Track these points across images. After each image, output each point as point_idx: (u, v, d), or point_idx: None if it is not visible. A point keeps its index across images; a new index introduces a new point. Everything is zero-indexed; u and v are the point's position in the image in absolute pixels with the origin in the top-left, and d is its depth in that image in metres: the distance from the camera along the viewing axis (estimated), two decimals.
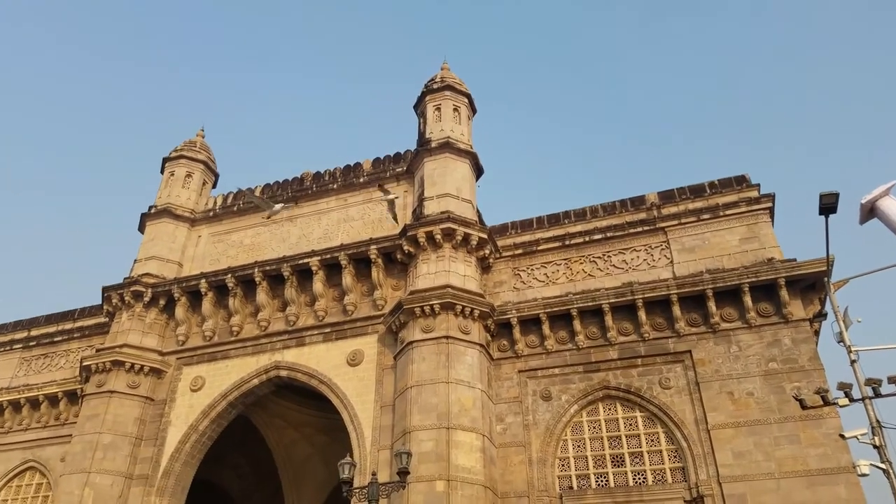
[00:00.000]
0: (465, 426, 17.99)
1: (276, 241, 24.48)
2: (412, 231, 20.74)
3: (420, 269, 20.59)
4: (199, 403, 22.18)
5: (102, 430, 21.54)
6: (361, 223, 23.46)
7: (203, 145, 28.91)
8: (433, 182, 22.11)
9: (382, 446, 19.06)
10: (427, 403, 18.21)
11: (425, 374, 18.67)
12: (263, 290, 22.79)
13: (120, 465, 21.25)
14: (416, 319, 19.50)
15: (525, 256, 21.92)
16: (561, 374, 19.81)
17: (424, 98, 24.60)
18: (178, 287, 23.66)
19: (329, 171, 25.17)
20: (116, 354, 22.57)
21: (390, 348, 20.59)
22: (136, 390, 22.49)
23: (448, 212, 20.94)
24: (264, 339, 22.60)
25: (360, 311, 21.74)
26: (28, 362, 27.65)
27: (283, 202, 24.70)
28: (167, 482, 21.11)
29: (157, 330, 23.90)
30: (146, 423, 22.29)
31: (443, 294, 19.40)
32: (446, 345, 19.05)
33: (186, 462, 21.63)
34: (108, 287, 24.20)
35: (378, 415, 19.72)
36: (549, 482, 18.38)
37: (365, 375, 20.67)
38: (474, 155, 23.26)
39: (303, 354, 21.90)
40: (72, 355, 26.73)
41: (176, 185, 27.07)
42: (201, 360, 23.14)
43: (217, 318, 23.51)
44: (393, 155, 24.47)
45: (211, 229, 26.14)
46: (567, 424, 19.20)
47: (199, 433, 21.83)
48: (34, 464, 24.96)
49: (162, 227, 25.80)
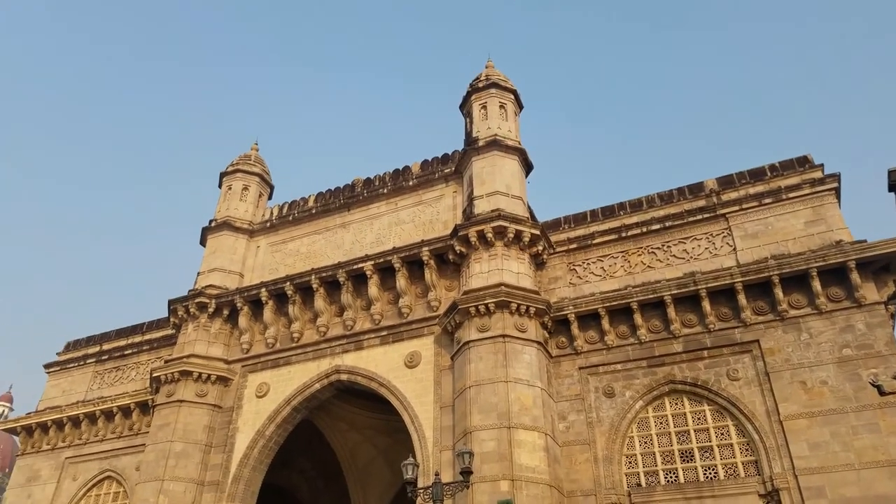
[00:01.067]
0: (527, 425, 17.82)
1: (330, 248, 24.86)
2: (463, 231, 20.70)
3: (473, 269, 20.52)
4: (265, 409, 22.70)
5: (174, 439, 22.28)
6: (412, 225, 23.58)
7: (257, 158, 29.64)
8: (482, 181, 22.01)
9: (444, 447, 19.08)
10: (486, 403, 18.12)
11: (483, 374, 18.58)
12: (321, 296, 23.15)
13: (192, 472, 21.92)
14: (471, 319, 19.44)
15: (580, 251, 21.58)
16: (623, 369, 19.41)
17: (470, 97, 24.56)
18: (240, 297, 24.29)
19: (379, 177, 25.43)
20: (184, 365, 23.32)
21: (447, 349, 20.59)
22: (205, 399, 23.19)
23: (499, 210, 20.81)
24: (324, 344, 22.95)
25: (416, 313, 21.84)
26: (101, 376, 28.87)
27: (336, 209, 25.21)
28: (237, 487, 21.66)
29: (222, 339, 24.58)
30: (215, 430, 22.94)
31: (497, 293, 19.28)
32: (503, 343, 18.93)
33: (255, 467, 22.16)
34: (174, 300, 25.04)
35: (438, 415, 19.74)
36: (616, 480, 18.02)
37: (423, 377, 20.73)
38: (523, 151, 23.06)
39: (361, 358, 22.15)
40: (142, 367, 27.79)
41: (234, 199, 27.81)
42: (265, 366, 23.68)
43: (278, 325, 24.02)
44: (441, 156, 24.51)
45: (268, 239, 26.75)
46: (632, 421, 18.80)
47: (266, 438, 22.34)
48: (111, 473, 26.01)
49: (222, 240, 26.55)
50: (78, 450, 26.92)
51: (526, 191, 22.63)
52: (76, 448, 27.00)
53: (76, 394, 28.53)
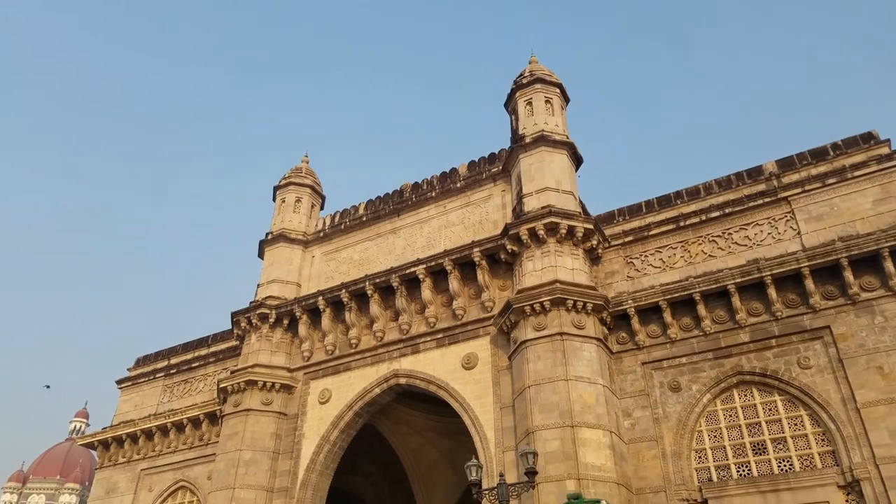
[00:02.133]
0: (590, 423, 17.59)
1: (382, 254, 25.11)
2: (514, 229, 20.57)
3: (526, 267, 20.37)
4: (328, 415, 23.09)
5: (242, 448, 22.88)
6: (462, 227, 23.58)
7: (308, 170, 30.24)
8: (531, 177, 21.83)
9: (507, 448, 18.99)
10: (547, 402, 17.95)
11: (542, 373, 18.42)
12: (375, 301, 23.41)
13: (261, 480, 22.45)
14: (526, 318, 19.30)
15: (637, 243, 21.14)
16: (689, 362, 18.92)
17: (514, 94, 24.39)
18: (298, 306, 24.80)
19: (426, 180, 25.54)
20: (249, 374, 23.94)
21: (503, 349, 20.50)
22: (270, 407, 23.74)
23: (549, 206, 20.58)
24: (381, 348, 23.20)
25: (470, 315, 21.83)
26: (170, 389, 29.89)
27: (386, 215, 25.43)
28: (306, 493, 22.08)
29: (283, 348, 25.14)
30: (281, 437, 23.46)
31: (552, 290, 19.07)
32: (561, 342, 18.71)
33: (322, 472, 22.56)
34: (236, 312, 25.77)
35: (499, 416, 19.67)
36: (686, 476, 17.59)
37: (481, 378, 20.71)
38: (571, 145, 22.75)
39: (418, 361, 22.28)
40: (209, 379, 28.64)
41: (287, 211, 28.43)
42: (326, 373, 24.10)
43: (336, 332, 24.40)
44: (487, 156, 24.42)
45: (322, 249, 27.23)
46: (700, 415, 18.31)
47: (330, 444, 22.72)
48: (184, 483, 26.86)
49: (279, 252, 27.16)
50: (152, 461, 27.93)
51: (577, 185, 22.32)
52: (150, 460, 28.01)
53: (148, 407, 29.61)
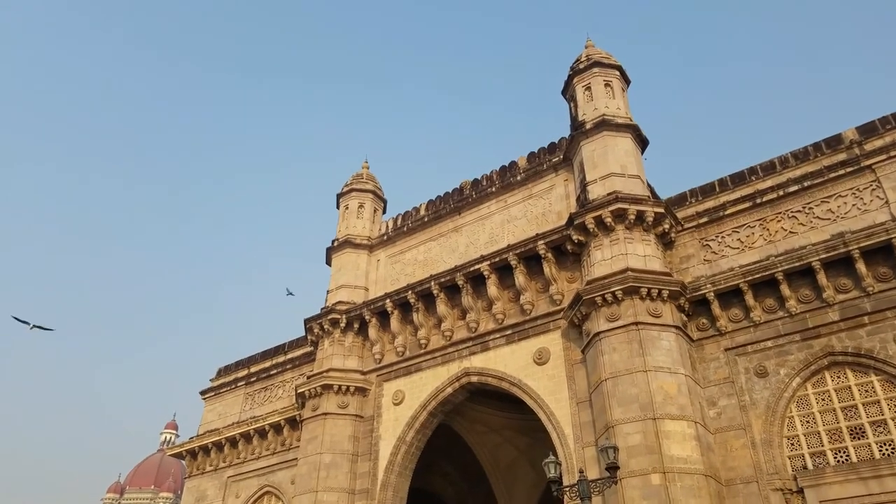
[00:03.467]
0: (673, 414, 16.92)
1: (446, 253, 25.04)
2: (579, 219, 20.04)
3: (594, 257, 19.80)
4: (403, 416, 23.21)
5: (322, 451, 23.28)
6: (525, 220, 23.20)
7: (369, 176, 30.58)
8: (594, 164, 21.21)
9: (586, 443, 18.56)
10: (626, 395, 17.39)
11: (619, 365, 17.86)
12: (442, 301, 23.36)
13: (342, 482, 22.78)
14: (598, 309, 18.75)
15: (711, 224, 20.22)
16: (775, 346, 17.93)
17: (572, 80, 23.80)
18: (367, 310, 25.08)
19: (485, 176, 25.31)
20: (324, 379, 24.36)
21: (576, 343, 20.02)
22: (346, 410, 24.08)
23: (615, 192, 19.93)
24: (450, 347, 23.13)
25: (539, 309, 21.45)
26: (251, 396, 30.80)
27: (447, 214, 25.31)
28: (386, 494, 22.26)
29: (356, 351, 25.47)
30: (359, 439, 23.74)
31: (623, 279, 18.45)
32: (636, 331, 18.07)
33: (400, 473, 22.68)
34: (309, 318, 26.28)
35: (575, 411, 19.24)
36: (778, 464, 16.68)
37: (554, 373, 20.32)
38: (635, 127, 21.98)
39: (489, 359, 22.08)
40: (287, 385, 29.34)
41: (351, 217, 28.82)
42: (398, 374, 24.25)
43: (405, 333, 24.51)
44: (547, 146, 23.92)
45: (387, 252, 27.43)
46: (790, 400, 17.32)
47: (407, 444, 22.83)
48: (269, 488, 27.55)
49: (345, 258, 27.55)
50: (237, 468, 28.81)
51: (643, 168, 21.55)
52: (236, 467, 28.90)
53: (231, 416, 30.62)
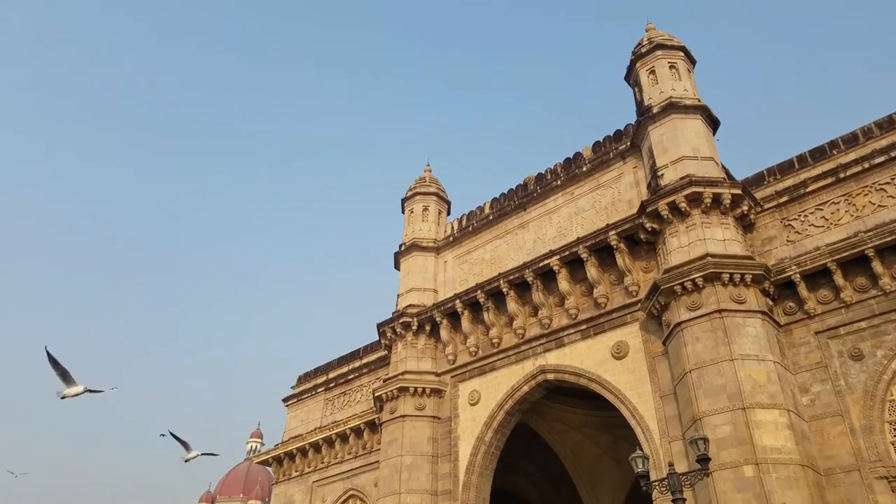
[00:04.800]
0: (764, 403, 16.18)
1: (513, 251, 24.82)
2: (651, 206, 19.44)
3: (670, 244, 19.15)
4: (480, 416, 23.13)
5: (403, 453, 23.49)
6: (594, 212, 22.71)
7: (431, 179, 30.75)
8: (664, 149, 20.52)
9: (672, 437, 18.02)
10: (712, 386, 16.74)
11: (703, 355, 17.21)
12: (512, 299, 23.17)
13: (424, 484, 22.90)
14: (677, 299, 18.12)
15: (793, 203, 19.24)
16: (869, 326, 16.88)
17: (634, 65, 23.13)
18: (437, 311, 25.18)
19: (550, 170, 24.94)
20: (400, 381, 24.60)
21: (656, 335, 19.43)
22: (423, 411, 24.22)
23: (688, 175, 19.21)
24: (524, 345, 22.90)
25: (614, 302, 20.95)
26: (331, 402, 31.42)
27: (512, 211, 25.07)
28: (468, 495, 22.21)
29: (428, 353, 25.61)
30: (438, 440, 23.82)
31: (703, 265, 17.76)
32: (720, 319, 17.37)
33: (481, 474, 22.60)
34: (381, 323, 26.66)
35: (659, 405, 18.70)
36: (881, 451, 15.71)
37: (634, 367, 19.82)
38: (704, 108, 21.15)
39: (564, 355, 21.73)
40: (364, 389, 29.78)
41: (416, 221, 29.05)
42: (472, 374, 24.20)
43: (477, 333, 24.44)
44: (612, 134, 23.36)
45: (453, 253, 27.46)
46: (890, 382, 16.26)
47: (486, 444, 22.72)
48: (354, 492, 28.00)
49: (413, 261, 27.77)
50: (322, 473, 29.41)
51: (716, 150, 20.71)
52: (320, 472, 29.51)
53: (313, 421, 31.32)
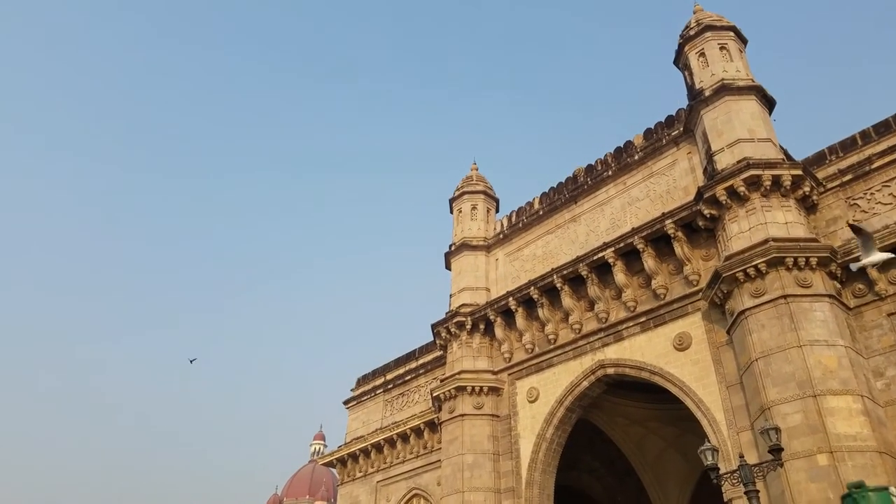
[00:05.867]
0: (836, 390, 15.58)
1: (566, 245, 24.54)
2: (708, 192, 18.93)
3: (730, 230, 18.61)
4: (540, 413, 22.98)
5: (464, 452, 23.54)
6: (648, 201, 22.23)
7: (478, 177, 30.69)
8: (718, 132, 19.93)
9: (740, 428, 17.57)
10: (780, 374, 16.22)
11: (769, 343, 16.68)
12: (566, 294, 22.94)
13: (486, 482, 22.89)
14: (740, 286, 17.61)
15: (857, 181, 18.47)
16: None
17: (683, 49, 22.54)
18: (490, 310, 25.14)
19: (600, 160, 24.54)
20: (457, 381, 24.65)
21: (719, 324, 18.93)
22: (482, 410, 24.20)
23: (745, 158, 18.61)
24: (581, 340, 22.66)
25: (673, 293, 20.50)
26: (390, 403, 31.76)
27: (563, 204, 24.82)
28: (532, 492, 22.09)
29: (484, 352, 25.58)
30: (498, 438, 23.77)
31: (765, 250, 17.19)
32: (786, 305, 16.79)
33: (544, 470, 22.44)
34: (435, 323, 26.77)
35: (726, 396, 18.24)
36: None
37: (698, 358, 19.37)
38: (759, 88, 20.43)
39: (623, 349, 21.40)
40: (422, 390, 29.99)
41: (465, 220, 29.05)
42: (529, 371, 24.05)
43: (532, 330, 24.29)
44: (664, 120, 22.81)
45: (504, 250, 27.34)
46: None
47: (547, 441, 22.55)
48: (417, 491, 28.21)
49: (464, 261, 27.78)
50: (385, 473, 29.76)
51: (773, 130, 20.00)
52: (383, 472, 29.87)
53: (373, 423, 31.72)
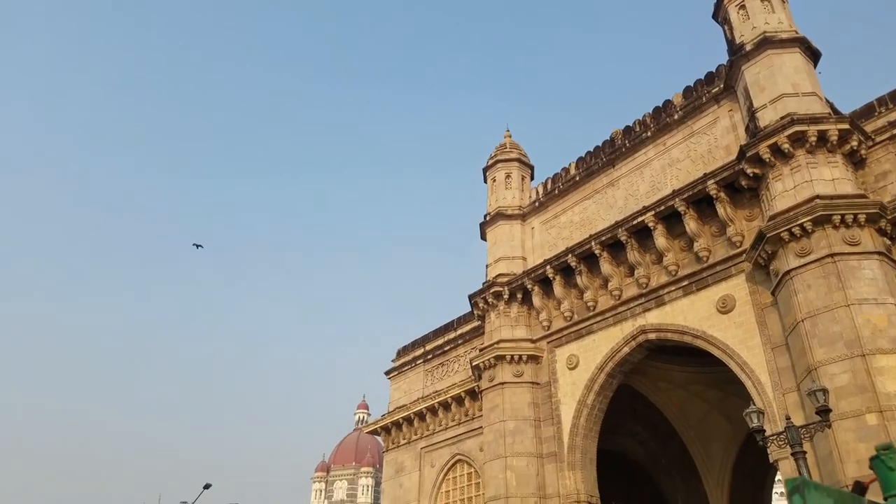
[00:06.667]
0: (885, 349, 15.20)
1: (603, 210, 24.19)
2: (751, 150, 18.36)
3: (774, 189, 18.07)
4: (580, 379, 23.02)
5: (505, 419, 23.80)
6: (689, 161, 21.68)
7: (512, 144, 30.29)
8: (760, 88, 19.22)
9: (786, 389, 17.30)
10: (827, 334, 15.86)
11: (815, 303, 16.27)
12: (605, 260, 22.71)
13: (528, 447, 23.17)
14: (785, 245, 17.15)
15: None
16: None
17: (722, 2, 21.67)
18: (528, 279, 25.09)
19: (638, 121, 23.94)
20: (496, 350, 24.79)
21: (763, 285, 18.55)
22: (522, 378, 24.36)
23: (790, 114, 17.94)
24: (621, 306, 22.49)
25: (716, 255, 20.10)
26: (430, 373, 32.17)
27: (599, 169, 24.43)
28: (574, 456, 22.28)
29: (522, 321, 25.62)
30: (539, 405, 23.94)
31: (811, 208, 16.68)
32: (833, 264, 16.33)
33: (586, 436, 22.57)
34: (472, 294, 26.86)
35: (771, 357, 17.95)
36: None
37: (742, 320, 19.08)
38: (802, 40, 19.57)
39: (665, 313, 21.17)
40: (461, 359, 30.28)
41: (499, 189, 28.81)
42: (569, 339, 24.03)
43: (571, 297, 24.18)
44: (704, 77, 22.04)
45: (540, 218, 27.11)
46: None
47: (588, 407, 22.62)
48: (460, 456, 28.70)
49: (499, 230, 27.66)
50: (429, 440, 30.31)
51: (818, 84, 19.20)
52: (427, 438, 30.42)
53: (415, 392, 32.24)
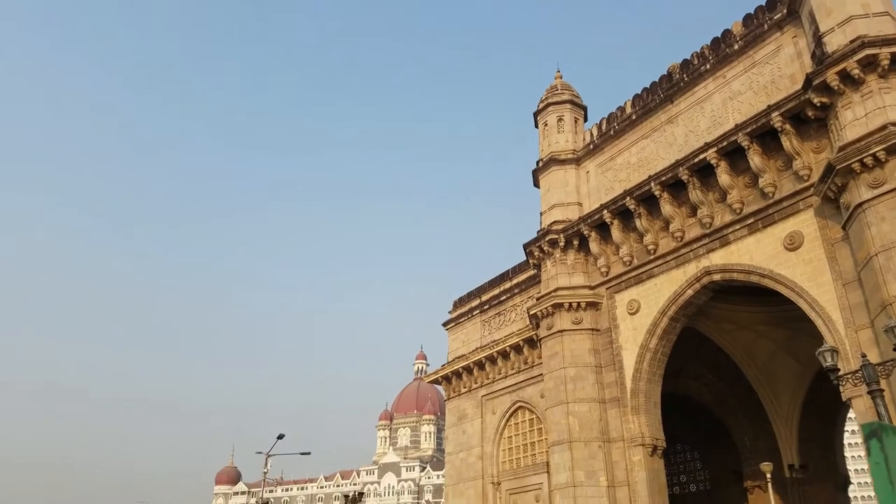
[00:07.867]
0: None
1: (662, 149, 23.41)
2: (818, 78, 17.30)
3: (844, 118, 17.07)
4: (641, 324, 22.79)
5: (565, 366, 23.88)
6: (751, 93, 20.61)
7: (563, 85, 29.29)
8: (827, 10, 17.95)
9: (859, 326, 16.71)
10: None
11: (890, 235, 15.56)
12: (666, 201, 22.09)
13: (590, 393, 23.25)
14: (857, 177, 16.30)
15: None
16: None
17: None
18: (584, 225, 24.67)
19: (696, 54, 22.77)
20: (553, 298, 24.71)
21: (833, 219, 17.78)
22: (581, 325, 24.27)
23: (860, 37, 16.73)
24: (683, 248, 21.97)
25: (783, 190, 19.30)
26: (487, 323, 32.46)
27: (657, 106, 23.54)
28: (638, 401, 22.25)
29: (579, 268, 25.36)
30: (599, 351, 23.89)
31: (885, 136, 15.75)
32: None
33: (649, 380, 22.46)
34: (527, 243, 26.64)
35: (842, 294, 17.34)
36: None
37: (810, 257, 18.41)
38: None
39: (730, 253, 20.61)
40: (518, 309, 30.41)
41: (552, 133, 28.09)
42: (628, 284, 23.70)
43: (630, 242, 23.73)
44: (765, 2, 20.65)
45: (595, 161, 26.45)
46: None
47: (651, 351, 22.44)
48: (521, 403, 29.14)
49: (553, 176, 27.14)
50: (489, 388, 30.83)
51: (892, 2, 17.76)
52: (487, 386, 30.94)
53: (473, 342, 32.67)
